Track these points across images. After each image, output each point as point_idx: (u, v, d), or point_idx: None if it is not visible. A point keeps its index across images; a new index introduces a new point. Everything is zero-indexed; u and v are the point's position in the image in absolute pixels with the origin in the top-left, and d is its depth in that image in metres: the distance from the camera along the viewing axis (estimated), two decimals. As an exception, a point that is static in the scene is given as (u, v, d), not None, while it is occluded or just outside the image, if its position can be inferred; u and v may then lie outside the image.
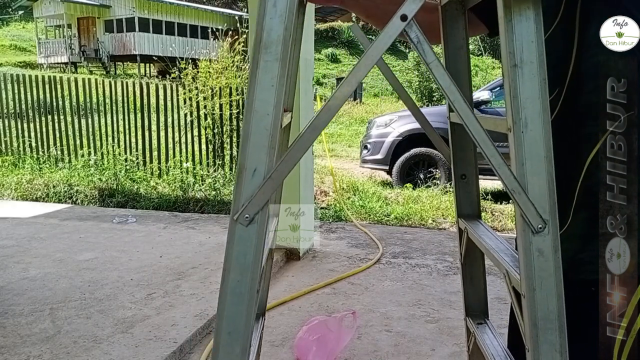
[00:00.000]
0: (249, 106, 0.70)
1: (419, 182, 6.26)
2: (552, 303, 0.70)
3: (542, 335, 0.70)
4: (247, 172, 0.70)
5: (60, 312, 2.60)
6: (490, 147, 0.68)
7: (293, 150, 0.71)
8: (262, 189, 0.70)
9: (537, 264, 0.69)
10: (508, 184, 0.68)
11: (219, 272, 2.72)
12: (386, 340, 2.49)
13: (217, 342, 0.72)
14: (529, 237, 0.69)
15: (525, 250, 0.69)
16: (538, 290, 0.70)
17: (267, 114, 0.70)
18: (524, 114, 0.68)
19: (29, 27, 27.54)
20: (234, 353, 0.72)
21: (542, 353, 0.70)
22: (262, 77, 0.70)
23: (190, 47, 17.10)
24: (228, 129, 6.01)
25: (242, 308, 0.72)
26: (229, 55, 6.74)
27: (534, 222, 0.68)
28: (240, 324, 0.72)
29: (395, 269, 3.47)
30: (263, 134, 0.70)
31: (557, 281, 0.69)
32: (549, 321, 0.70)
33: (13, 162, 6.49)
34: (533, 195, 0.68)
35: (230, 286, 0.72)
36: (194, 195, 5.41)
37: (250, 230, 0.71)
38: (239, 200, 0.71)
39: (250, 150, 0.70)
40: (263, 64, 0.69)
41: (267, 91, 0.70)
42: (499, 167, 0.68)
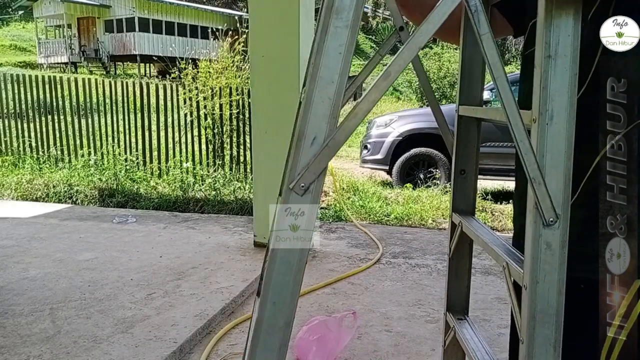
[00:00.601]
0: (313, 73, 0.69)
1: (419, 182, 6.26)
2: (553, 297, 0.70)
3: (538, 328, 0.70)
4: (306, 140, 0.70)
5: (60, 312, 2.60)
6: (521, 132, 0.67)
7: (350, 118, 0.69)
8: (319, 157, 0.69)
9: (543, 257, 0.69)
10: (531, 171, 0.67)
11: (219, 272, 2.72)
12: (386, 340, 2.49)
13: (262, 312, 0.71)
14: (539, 230, 0.69)
15: (534, 242, 0.69)
16: (541, 283, 0.70)
17: (332, 82, 0.69)
18: (551, 106, 0.67)
19: (29, 27, 27.53)
20: (277, 325, 0.72)
21: (537, 346, 0.71)
22: (330, 44, 0.68)
23: (190, 47, 17.08)
24: (228, 129, 6.01)
25: (289, 278, 0.71)
26: (229, 55, 6.74)
27: (547, 214, 0.68)
28: (286, 295, 0.71)
29: (395, 269, 3.47)
30: (326, 102, 0.69)
31: (560, 276, 0.70)
32: (548, 315, 0.70)
33: (13, 162, 6.49)
34: (550, 187, 0.68)
35: (280, 255, 0.71)
36: (194, 195, 5.41)
37: (304, 199, 0.71)
38: (295, 169, 0.70)
39: (311, 118, 0.69)
40: (333, 29, 0.68)
41: (334, 58, 0.68)
42: (526, 153, 0.67)
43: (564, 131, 0.67)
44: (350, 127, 0.69)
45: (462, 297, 1.11)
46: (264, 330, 0.70)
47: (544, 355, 0.71)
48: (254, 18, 3.51)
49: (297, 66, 3.40)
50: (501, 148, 6.12)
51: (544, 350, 0.70)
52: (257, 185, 3.71)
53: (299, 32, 3.37)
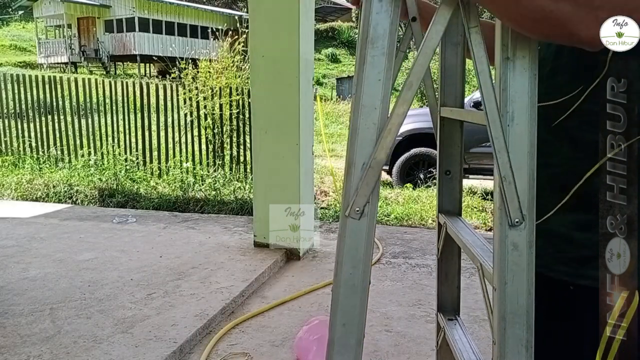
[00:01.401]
0: (356, 101, 0.71)
1: (419, 182, 6.26)
2: (522, 298, 0.70)
3: (509, 329, 0.71)
4: (355, 167, 0.72)
5: (60, 312, 2.60)
6: (498, 129, 0.68)
7: (385, 136, 0.71)
8: (365, 180, 0.71)
9: (510, 258, 0.70)
10: (502, 170, 0.68)
11: (219, 272, 2.73)
12: (386, 340, 2.49)
13: (333, 334, 0.73)
14: (506, 230, 0.69)
15: (501, 243, 0.70)
16: (509, 284, 0.70)
17: (375, 108, 0.71)
18: (511, 108, 0.68)
19: (29, 27, 27.55)
20: (349, 345, 0.73)
21: (508, 347, 0.71)
22: (369, 72, 0.71)
23: (190, 47, 17.09)
24: (228, 129, 6.01)
25: (355, 300, 0.73)
26: (229, 55, 6.74)
27: (513, 215, 0.69)
28: (355, 316, 0.73)
29: (395, 269, 3.47)
30: (371, 128, 0.71)
31: (529, 277, 0.70)
32: (518, 316, 0.71)
33: (13, 162, 6.49)
34: (518, 187, 0.69)
35: (344, 279, 0.73)
36: (194, 195, 5.41)
37: (362, 223, 0.73)
38: (349, 196, 0.72)
39: (358, 145, 0.71)
40: (370, 58, 0.70)
41: (374, 85, 0.71)
42: (500, 151, 0.68)
43: (525, 132, 0.68)
44: (387, 144, 0.71)
45: (452, 298, 1.11)
46: (336, 350, 0.74)
47: (516, 356, 0.71)
48: (254, 18, 3.51)
49: (297, 66, 3.40)
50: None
51: (515, 351, 0.71)
52: (257, 185, 3.71)
53: (299, 32, 3.37)
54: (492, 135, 0.68)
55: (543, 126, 0.84)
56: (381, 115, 0.71)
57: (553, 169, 0.83)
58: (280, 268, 3.46)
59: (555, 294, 0.84)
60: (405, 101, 0.71)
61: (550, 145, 0.83)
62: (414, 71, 0.71)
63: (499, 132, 0.68)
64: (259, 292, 3.07)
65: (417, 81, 0.71)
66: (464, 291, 3.47)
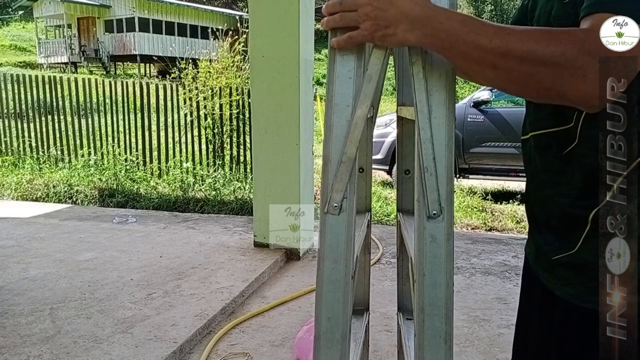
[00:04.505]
0: (329, 100, 0.72)
1: (419, 182, 6.25)
2: (441, 290, 0.71)
3: (428, 321, 0.72)
4: (331, 164, 0.72)
5: (60, 312, 2.60)
6: (426, 119, 0.70)
7: (352, 130, 0.72)
8: (339, 175, 0.72)
9: (429, 250, 0.70)
10: (426, 160, 0.69)
11: (219, 272, 2.73)
12: (386, 340, 2.49)
13: (318, 328, 0.74)
14: (424, 222, 0.70)
15: (419, 236, 0.71)
16: (428, 276, 0.71)
17: (347, 106, 0.71)
18: (430, 101, 0.69)
19: (29, 27, 27.55)
20: (334, 339, 0.74)
21: (427, 339, 0.72)
22: (339, 71, 0.72)
23: (190, 47, 17.11)
24: (228, 129, 6.01)
25: (339, 295, 0.74)
26: (229, 55, 6.75)
27: (432, 207, 0.70)
28: (339, 310, 0.74)
29: (395, 269, 3.47)
30: (344, 125, 0.71)
31: (447, 269, 0.71)
32: (436, 307, 0.71)
33: (13, 162, 6.49)
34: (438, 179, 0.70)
35: (326, 274, 0.74)
36: (194, 195, 5.41)
37: (341, 218, 0.73)
38: (326, 192, 0.73)
39: (333, 142, 0.72)
40: (340, 57, 0.71)
41: (345, 84, 0.71)
42: (425, 141, 0.69)
43: (443, 126, 0.69)
44: (355, 137, 0.71)
45: (411, 297, 1.12)
46: (322, 345, 0.75)
47: (434, 348, 0.72)
48: (254, 18, 3.51)
49: (297, 66, 3.40)
50: (501, 148, 6.13)
51: (435, 342, 0.72)
52: (257, 185, 3.71)
53: (299, 32, 3.37)
54: (420, 126, 0.70)
55: (552, 155, 0.83)
56: (353, 112, 0.72)
57: (565, 199, 0.82)
58: (280, 268, 3.46)
59: (590, 325, 0.79)
60: (366, 95, 0.71)
61: (564, 174, 0.81)
62: (371, 64, 0.71)
63: (426, 124, 0.69)
64: (259, 292, 3.07)
65: (376, 74, 0.71)
66: (464, 291, 3.47)
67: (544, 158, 0.86)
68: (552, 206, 0.84)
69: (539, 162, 0.87)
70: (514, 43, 0.66)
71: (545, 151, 0.85)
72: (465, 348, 2.42)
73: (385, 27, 0.69)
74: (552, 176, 0.84)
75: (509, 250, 3.88)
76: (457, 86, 4.25)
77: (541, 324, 0.91)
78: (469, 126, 6.24)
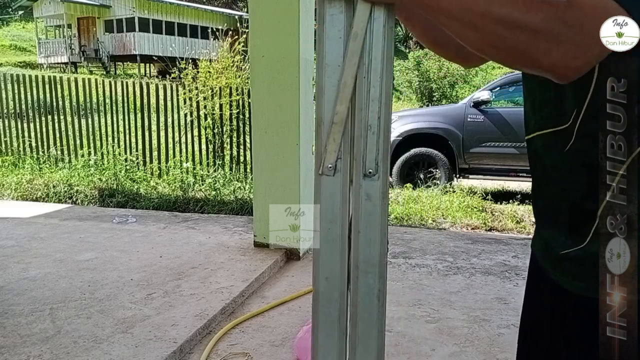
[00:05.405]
0: (319, 61, 0.71)
1: (419, 182, 6.26)
2: (375, 248, 0.72)
3: (362, 277, 0.73)
4: (324, 125, 0.72)
5: (60, 312, 2.60)
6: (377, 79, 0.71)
7: (342, 89, 0.72)
8: (331, 135, 0.72)
9: (364, 207, 0.71)
10: (371, 119, 0.71)
11: (219, 272, 2.73)
12: (386, 340, 2.49)
13: (317, 288, 0.75)
14: (360, 180, 0.71)
15: (355, 194, 0.72)
16: (362, 233, 0.72)
17: (338, 66, 0.71)
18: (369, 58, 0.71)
19: (29, 27, 27.55)
20: (333, 298, 0.75)
21: (360, 295, 0.73)
22: (329, 31, 0.71)
23: (190, 47, 17.12)
24: (228, 129, 6.02)
25: (336, 254, 0.74)
26: (229, 55, 6.75)
27: (369, 165, 0.71)
28: (336, 269, 0.74)
29: (395, 269, 3.47)
30: (336, 86, 0.71)
31: (382, 227, 0.72)
32: (370, 265, 0.72)
33: (13, 162, 6.49)
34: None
35: (323, 234, 0.74)
36: (194, 195, 5.42)
37: (336, 179, 0.73)
38: (320, 154, 0.73)
39: (325, 104, 0.72)
40: (329, 17, 0.71)
41: (335, 44, 0.71)
42: (373, 100, 0.71)
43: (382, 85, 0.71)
44: (345, 96, 0.71)
45: None
46: (321, 304, 0.76)
47: (368, 305, 0.73)
48: (254, 18, 3.51)
49: (297, 66, 3.40)
50: (501, 148, 6.13)
51: (368, 300, 0.73)
52: (257, 185, 3.71)
53: (298, 32, 3.37)
54: (370, 84, 0.70)
55: (557, 153, 0.83)
56: (345, 72, 0.72)
57: (574, 194, 0.82)
58: (280, 268, 3.46)
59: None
60: (354, 53, 0.71)
61: (567, 171, 0.82)
62: (356, 22, 0.71)
63: (377, 81, 0.70)
64: (259, 292, 3.07)
65: (362, 31, 0.71)
66: (464, 291, 3.47)
67: (551, 156, 0.86)
68: (562, 201, 0.84)
69: (547, 160, 0.87)
70: (495, 5, 0.67)
71: (551, 149, 0.85)
72: (465, 348, 2.42)
73: None
74: (560, 173, 0.84)
75: (509, 250, 3.88)
76: (457, 86, 4.28)
77: (552, 320, 0.90)
78: (469, 126, 6.24)
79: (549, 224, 0.90)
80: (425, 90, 16.32)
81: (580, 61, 0.67)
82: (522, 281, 2.60)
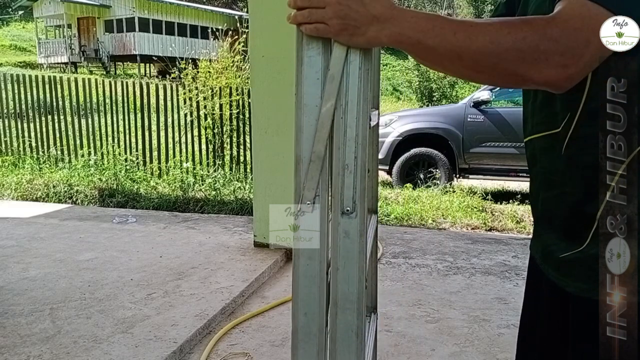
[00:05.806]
0: (298, 101, 0.74)
1: (419, 182, 6.26)
2: (353, 285, 0.73)
3: (340, 314, 0.73)
4: (302, 163, 0.75)
5: (60, 312, 2.60)
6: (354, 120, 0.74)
7: (319, 129, 0.73)
8: (309, 174, 0.74)
9: (342, 245, 0.73)
10: (348, 159, 0.72)
11: (219, 272, 2.73)
12: (386, 340, 2.49)
13: (295, 324, 0.77)
14: (338, 218, 0.72)
15: (334, 231, 0.73)
16: (341, 270, 0.73)
17: (316, 106, 0.73)
18: (345, 99, 0.72)
19: (29, 27, 27.54)
20: (312, 333, 0.76)
21: (339, 332, 0.74)
22: (307, 72, 0.73)
23: (190, 47, 17.10)
24: (228, 129, 6.01)
25: (314, 290, 0.75)
26: (229, 55, 6.75)
27: (346, 203, 0.72)
28: (315, 306, 0.76)
29: (395, 269, 3.47)
30: (313, 125, 0.73)
31: (360, 264, 0.72)
32: (349, 302, 0.73)
33: (13, 162, 6.49)
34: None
35: (301, 270, 0.75)
36: (194, 195, 5.41)
37: (313, 215, 0.75)
38: (299, 191, 0.76)
39: (303, 142, 0.74)
40: (307, 59, 0.73)
41: (313, 85, 0.73)
42: (350, 140, 0.72)
43: (359, 124, 0.72)
44: (322, 136, 0.73)
45: (370, 296, 1.14)
46: (300, 339, 0.78)
47: (346, 342, 0.73)
48: (254, 18, 3.51)
49: (297, 66, 3.40)
50: (501, 148, 6.13)
51: (346, 336, 0.73)
52: (257, 185, 3.71)
53: (299, 32, 3.37)
54: (347, 125, 0.72)
55: (553, 156, 0.83)
56: (322, 112, 0.73)
57: (572, 198, 0.82)
58: (280, 268, 3.46)
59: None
60: (330, 94, 0.72)
61: (564, 175, 0.82)
62: (332, 65, 0.72)
63: (353, 122, 0.72)
64: (259, 292, 3.07)
65: (338, 74, 0.72)
66: (464, 291, 3.46)
67: (548, 159, 0.86)
68: (560, 205, 0.85)
69: (545, 163, 0.87)
70: (476, 34, 0.68)
71: (547, 153, 0.85)
72: (465, 348, 2.41)
73: (355, 27, 0.71)
74: (558, 176, 0.84)
75: (509, 250, 3.88)
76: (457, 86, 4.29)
77: (551, 320, 0.90)
78: (468, 126, 6.24)
79: (548, 227, 0.90)
80: (425, 90, 16.33)
81: (572, 70, 0.68)
82: (522, 281, 2.60)
